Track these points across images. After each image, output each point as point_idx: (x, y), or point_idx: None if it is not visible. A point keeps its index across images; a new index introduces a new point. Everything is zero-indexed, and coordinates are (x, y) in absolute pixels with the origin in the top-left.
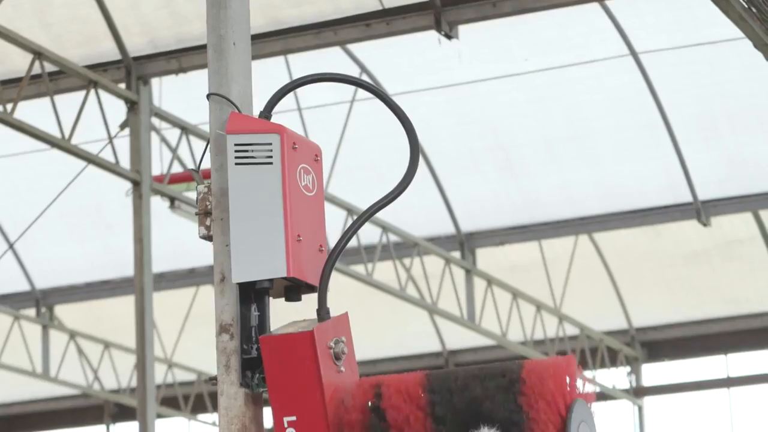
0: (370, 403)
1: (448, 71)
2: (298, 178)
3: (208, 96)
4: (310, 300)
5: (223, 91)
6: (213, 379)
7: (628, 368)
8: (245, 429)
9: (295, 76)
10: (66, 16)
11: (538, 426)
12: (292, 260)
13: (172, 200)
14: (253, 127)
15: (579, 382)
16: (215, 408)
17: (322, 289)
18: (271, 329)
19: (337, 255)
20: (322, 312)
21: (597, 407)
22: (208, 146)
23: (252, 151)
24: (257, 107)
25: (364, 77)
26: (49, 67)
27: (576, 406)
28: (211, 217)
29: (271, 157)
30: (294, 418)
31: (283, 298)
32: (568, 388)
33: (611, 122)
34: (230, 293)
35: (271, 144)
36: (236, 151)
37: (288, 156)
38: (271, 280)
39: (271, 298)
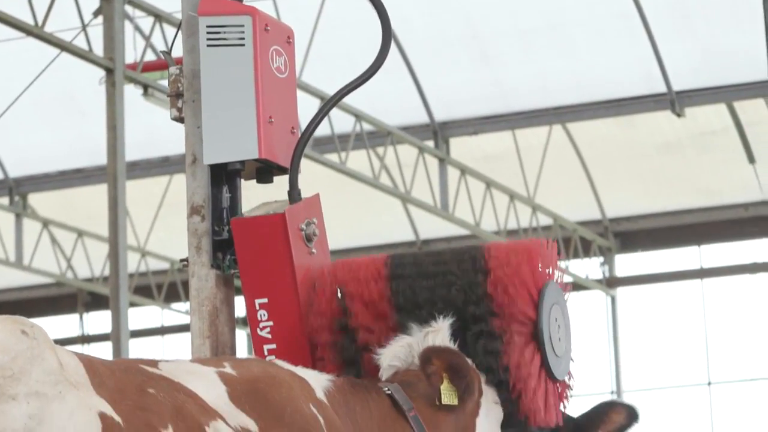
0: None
1: None
2: (270, 60)
3: None
4: (282, 183)
5: None
6: (184, 261)
7: (601, 259)
8: (216, 311)
9: None
10: None
11: (510, 307)
12: (263, 142)
13: (146, 88)
14: (225, 9)
15: (552, 266)
16: (188, 297)
17: (293, 171)
18: (243, 211)
19: (309, 136)
20: (294, 193)
21: (570, 297)
22: (180, 28)
23: (224, 32)
24: None
25: None
26: None
27: (548, 289)
28: (183, 99)
29: (243, 38)
30: (265, 300)
31: (255, 180)
32: (541, 271)
33: (586, 12)
34: (202, 175)
35: (243, 26)
36: (208, 32)
37: (260, 38)
38: (242, 162)
39: (242, 180)
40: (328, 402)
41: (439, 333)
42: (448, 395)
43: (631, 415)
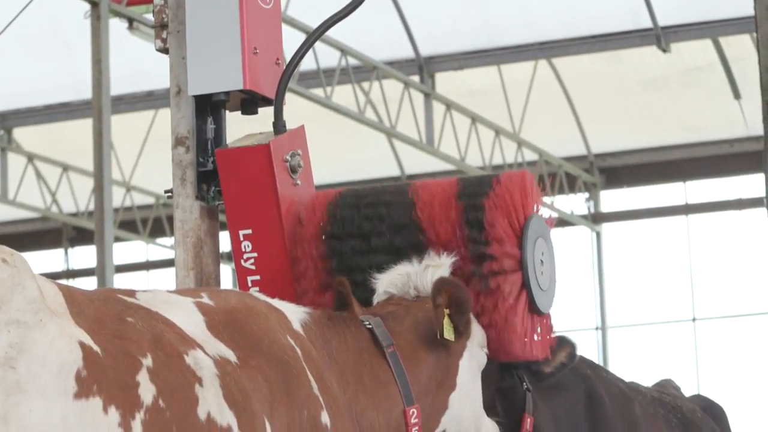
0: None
1: None
2: None
3: None
4: (267, 116)
5: None
6: (168, 192)
7: (586, 194)
8: (200, 242)
9: None
10: None
11: (496, 236)
12: (248, 73)
13: (131, 21)
14: None
15: (537, 199)
16: (174, 232)
17: (278, 102)
18: (227, 142)
19: (294, 67)
20: (278, 124)
21: (555, 233)
22: None
23: None
24: None
25: None
26: None
27: (533, 221)
28: (167, 29)
29: None
30: (250, 231)
31: (240, 112)
32: (525, 203)
33: None
34: (186, 106)
35: None
36: None
37: None
38: (227, 93)
39: (227, 112)
40: (305, 334)
41: (440, 269)
42: (448, 330)
43: (571, 355)
